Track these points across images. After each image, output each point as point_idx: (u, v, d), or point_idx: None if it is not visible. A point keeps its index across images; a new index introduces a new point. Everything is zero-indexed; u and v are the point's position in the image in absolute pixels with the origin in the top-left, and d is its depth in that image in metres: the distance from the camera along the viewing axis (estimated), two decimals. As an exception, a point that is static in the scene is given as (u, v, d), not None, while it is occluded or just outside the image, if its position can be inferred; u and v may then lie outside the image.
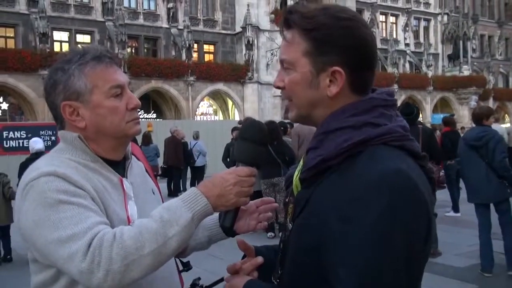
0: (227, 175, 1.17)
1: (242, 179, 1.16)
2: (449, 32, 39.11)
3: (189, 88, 27.76)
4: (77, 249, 1.06)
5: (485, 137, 5.35)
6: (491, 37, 43.51)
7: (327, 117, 1.04)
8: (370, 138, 0.96)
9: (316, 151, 1.02)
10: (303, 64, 1.04)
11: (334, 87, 1.02)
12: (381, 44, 36.51)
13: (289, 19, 1.05)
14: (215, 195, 1.15)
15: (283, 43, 1.07)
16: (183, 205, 1.14)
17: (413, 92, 36.00)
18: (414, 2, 38.65)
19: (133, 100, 1.31)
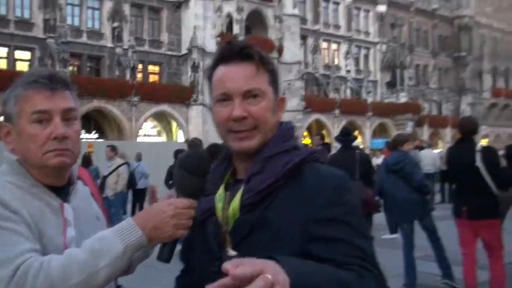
0: (165, 207, 1.11)
1: (181, 211, 1.11)
2: (387, 60, 40.96)
3: (132, 108, 27.42)
4: (1, 276, 1.03)
5: (402, 162, 5.95)
6: (425, 66, 45.88)
7: (269, 143, 1.16)
8: (305, 158, 1.14)
9: (261, 175, 1.12)
10: (270, 93, 1.18)
11: (280, 113, 1.21)
12: (324, 70, 37.73)
13: (251, 52, 1.15)
14: (150, 227, 1.11)
15: (245, 73, 1.15)
16: (116, 236, 1.09)
17: (354, 117, 37.18)
18: (355, 31, 40.24)
19: (57, 129, 1.23)
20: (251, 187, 1.12)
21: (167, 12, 30.99)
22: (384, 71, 41.27)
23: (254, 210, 1.11)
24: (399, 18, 43.91)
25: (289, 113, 32.22)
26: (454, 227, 5.27)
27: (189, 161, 1.14)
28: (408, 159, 6.08)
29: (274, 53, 31.06)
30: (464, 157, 5.07)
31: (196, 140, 6.04)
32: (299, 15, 34.61)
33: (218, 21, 30.09)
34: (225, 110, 1.15)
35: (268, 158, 1.14)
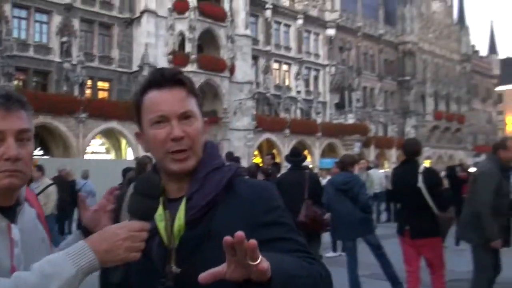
0: (118, 230, 1.11)
1: (134, 234, 1.10)
2: (336, 82, 42.11)
3: (80, 125, 26.75)
4: None
5: (351, 182, 6.23)
6: (372, 89, 47.42)
7: (202, 162, 1.26)
8: (235, 173, 1.27)
9: (202, 192, 1.22)
10: (199, 115, 1.27)
11: (205, 134, 1.31)
12: (275, 90, 38.29)
13: (182, 78, 1.26)
14: (103, 250, 1.08)
15: (179, 97, 1.24)
16: (67, 259, 1.06)
17: (303, 137, 37.80)
18: (305, 53, 41.17)
19: (10, 150, 1.21)
20: (194, 204, 1.21)
21: (118, 28, 30.66)
22: (333, 92, 42.33)
23: (198, 225, 1.20)
24: (348, 42, 45.36)
25: (240, 132, 32.43)
26: (399, 246, 5.48)
27: (141, 183, 1.17)
28: (356, 180, 6.37)
29: (226, 73, 31.30)
30: (408, 178, 5.27)
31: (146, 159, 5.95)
32: (251, 36, 35.10)
33: (171, 39, 30.05)
34: (162, 132, 1.23)
35: (205, 176, 1.24)
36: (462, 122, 54.46)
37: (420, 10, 51.85)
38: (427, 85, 50.71)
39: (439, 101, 52.42)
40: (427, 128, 50.34)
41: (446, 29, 56.30)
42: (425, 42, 52.50)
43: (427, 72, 51.76)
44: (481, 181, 4.98)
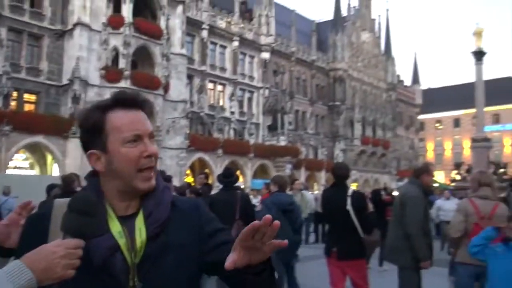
0: (55, 248, 1.12)
1: (70, 251, 1.12)
2: (270, 105, 42.89)
3: (3, 138, 25.40)
4: None
5: (294, 203, 6.34)
6: (304, 112, 48.67)
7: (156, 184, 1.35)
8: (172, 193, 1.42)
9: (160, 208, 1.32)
10: None
11: None
12: (209, 110, 38.39)
13: (146, 102, 1.37)
14: (41, 268, 1.08)
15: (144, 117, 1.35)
16: (5, 279, 1.06)
17: (236, 158, 37.99)
18: (240, 74, 41.71)
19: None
20: (154, 220, 1.30)
21: (49, 40, 29.62)
22: (266, 114, 43.03)
23: (156, 240, 1.28)
24: (281, 66, 46.49)
25: (172, 151, 32.09)
26: (325, 267, 5.67)
27: (77, 202, 1.18)
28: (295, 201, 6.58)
29: (160, 90, 31.01)
30: (337, 200, 5.44)
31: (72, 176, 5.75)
32: (186, 55, 35.10)
33: (104, 54, 29.42)
34: (136, 150, 1.30)
35: (161, 193, 1.34)
36: (387, 147, 56.94)
37: (350, 39, 54.19)
38: (355, 111, 52.69)
39: (367, 127, 54.58)
40: (355, 152, 52.16)
41: (374, 59, 59.15)
42: (354, 70, 54.80)
43: (356, 99, 53.87)
44: (412, 204, 5.18)
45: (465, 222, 4.93)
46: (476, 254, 4.19)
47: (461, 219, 4.96)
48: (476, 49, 26.68)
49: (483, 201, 4.96)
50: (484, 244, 4.09)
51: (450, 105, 77.32)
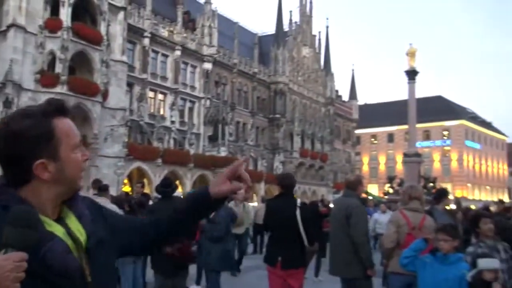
0: (3, 262, 1.12)
1: (18, 264, 1.13)
2: (211, 115, 42.84)
3: None
4: None
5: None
6: (245, 124, 48.98)
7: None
8: None
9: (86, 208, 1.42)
10: None
11: None
12: (149, 119, 37.82)
13: (69, 108, 1.39)
14: None
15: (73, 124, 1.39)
16: None
17: (176, 168, 37.61)
18: (181, 84, 41.42)
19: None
20: (87, 220, 1.38)
21: (-20, 40, 28.24)
22: (207, 125, 42.93)
23: (92, 236, 1.37)
24: (223, 77, 46.67)
25: (110, 159, 31.28)
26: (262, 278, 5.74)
27: (19, 216, 1.18)
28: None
29: (99, 97, 30.23)
30: (285, 210, 5.48)
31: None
32: (127, 62, 34.50)
33: (40, 58, 28.36)
34: (80, 155, 1.38)
35: (77, 194, 1.42)
36: (325, 160, 58.23)
37: (291, 54, 55.27)
38: (295, 124, 53.58)
39: (306, 140, 55.57)
40: (293, 164, 52.94)
41: (314, 74, 60.59)
42: (295, 84, 55.87)
43: (296, 112, 54.84)
44: (357, 214, 5.45)
45: (397, 233, 5.20)
46: (406, 266, 4.39)
47: (393, 230, 5.23)
48: (409, 68, 28.03)
49: (413, 213, 5.28)
50: (414, 256, 4.31)
51: (385, 121, 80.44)
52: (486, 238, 4.71)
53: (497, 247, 4.60)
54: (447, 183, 69.06)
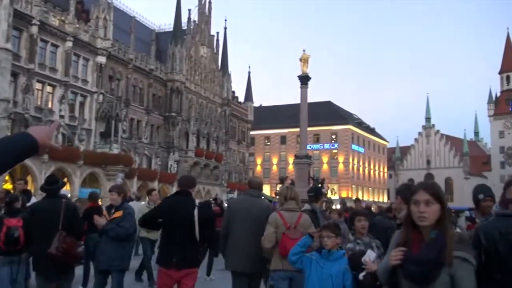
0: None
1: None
2: (103, 111, 41.19)
3: None
4: None
5: None
6: (139, 121, 47.84)
7: None
8: None
9: None
10: None
11: None
12: (35, 112, 35.44)
13: None
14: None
15: None
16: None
17: (63, 165, 35.75)
18: (72, 77, 39.37)
19: None
20: None
21: None
22: (99, 120, 41.25)
23: None
24: (118, 72, 45.17)
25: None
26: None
27: None
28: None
29: (-23, 86, 27.81)
30: (182, 210, 5.42)
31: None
32: (11, 51, 32.12)
33: None
34: None
35: None
36: (219, 160, 58.74)
37: (189, 53, 55.01)
38: (191, 123, 53.44)
39: (201, 139, 55.66)
40: (188, 164, 52.77)
41: (211, 74, 60.86)
42: (192, 83, 55.68)
43: (192, 111, 54.71)
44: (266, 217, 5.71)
45: (275, 233, 5.49)
46: (295, 263, 4.61)
47: (272, 231, 5.52)
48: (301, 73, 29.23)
49: (289, 213, 5.62)
50: (302, 253, 4.53)
51: (278, 123, 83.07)
52: (361, 235, 5.12)
53: (371, 244, 5.01)
54: (334, 184, 73.05)
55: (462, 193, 79.28)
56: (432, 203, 2.52)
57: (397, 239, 2.68)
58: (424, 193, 2.55)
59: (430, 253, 2.44)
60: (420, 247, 2.50)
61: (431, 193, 2.54)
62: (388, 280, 2.63)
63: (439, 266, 2.42)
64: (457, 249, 2.45)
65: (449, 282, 2.43)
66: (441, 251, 2.43)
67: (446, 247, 2.43)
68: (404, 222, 2.70)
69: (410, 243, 2.54)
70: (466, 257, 2.45)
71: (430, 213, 2.50)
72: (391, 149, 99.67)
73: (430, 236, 2.52)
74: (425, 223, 2.52)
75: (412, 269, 2.46)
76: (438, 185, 2.71)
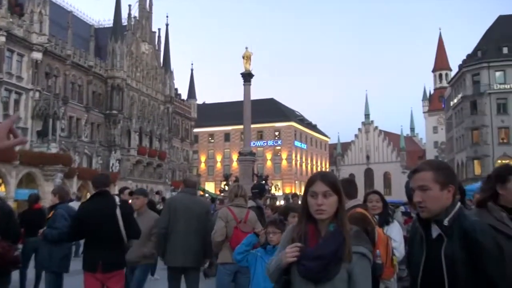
0: None
1: None
2: (40, 109, 39.64)
3: None
4: None
5: None
6: (79, 119, 46.44)
7: None
8: None
9: None
10: None
11: None
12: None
13: None
14: None
15: None
16: None
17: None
18: (6, 73, 37.63)
19: None
20: None
21: None
22: (35, 119, 39.68)
23: None
24: (55, 69, 43.59)
25: None
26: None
27: None
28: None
29: None
30: (104, 211, 5.31)
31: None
32: None
33: None
34: None
35: None
36: (163, 158, 58.08)
37: (130, 49, 53.94)
38: (133, 121, 52.49)
39: (144, 137, 54.80)
40: (131, 162, 51.86)
41: (153, 71, 59.97)
42: (133, 80, 54.65)
43: (134, 109, 53.75)
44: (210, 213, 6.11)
45: (226, 228, 5.74)
46: (240, 262, 4.73)
47: (222, 225, 5.76)
48: (244, 71, 29.47)
49: (238, 208, 5.92)
50: (247, 251, 4.66)
51: (222, 121, 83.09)
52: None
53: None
54: (278, 180, 74.08)
55: (400, 187, 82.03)
56: (330, 195, 2.37)
57: (291, 234, 2.50)
58: (322, 184, 2.39)
59: (328, 248, 2.30)
60: (317, 242, 2.36)
61: (329, 184, 2.39)
62: (279, 278, 2.45)
63: (338, 261, 2.29)
64: (356, 243, 2.34)
65: (346, 279, 2.30)
66: (340, 246, 2.30)
67: (345, 241, 2.31)
68: (299, 215, 2.53)
69: (306, 238, 2.38)
70: (365, 252, 2.34)
71: (328, 205, 2.36)
72: (333, 145, 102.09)
73: (328, 229, 2.38)
74: (323, 216, 2.37)
75: (309, 265, 2.30)
76: (335, 176, 2.58)
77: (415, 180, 2.37)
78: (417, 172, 2.39)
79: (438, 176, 2.32)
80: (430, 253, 2.29)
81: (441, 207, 2.30)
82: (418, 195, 2.33)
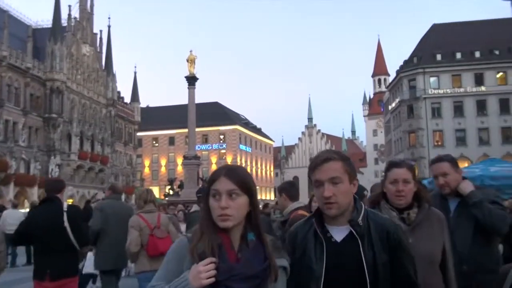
0: None
1: None
2: (-27, 112, 37.86)
3: None
4: None
5: None
6: (16, 123, 44.63)
7: None
8: None
9: None
10: None
11: None
12: None
13: None
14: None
15: None
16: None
17: None
18: None
19: None
20: None
21: None
22: (-32, 123, 37.84)
23: None
24: (-10, 70, 41.76)
25: None
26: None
27: None
28: None
29: None
30: (52, 217, 5.19)
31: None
32: None
33: None
34: None
35: None
36: (105, 163, 56.76)
37: (70, 51, 52.45)
38: (73, 124, 51.01)
39: (85, 142, 53.36)
40: (71, 167, 50.37)
41: (94, 73, 58.56)
42: (73, 82, 53.13)
43: (74, 112, 52.23)
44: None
45: (140, 236, 5.73)
46: None
47: (136, 234, 5.73)
48: (189, 74, 29.46)
49: (149, 214, 5.92)
50: None
51: (166, 124, 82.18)
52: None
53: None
54: (223, 184, 73.80)
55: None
56: (238, 195, 1.82)
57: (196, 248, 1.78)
58: (227, 180, 1.83)
59: (258, 263, 1.80)
60: (236, 256, 1.80)
61: (237, 181, 1.83)
62: None
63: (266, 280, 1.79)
64: (278, 256, 1.87)
65: None
66: (266, 260, 1.81)
67: (269, 254, 1.83)
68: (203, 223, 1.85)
69: (221, 251, 1.78)
70: (286, 265, 1.90)
71: (235, 209, 1.80)
72: (277, 148, 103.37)
73: (248, 239, 1.85)
74: (227, 223, 1.80)
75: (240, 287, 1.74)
76: (245, 170, 1.95)
77: (324, 171, 1.99)
78: (327, 162, 2.00)
79: (347, 166, 2.03)
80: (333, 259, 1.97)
81: (348, 204, 2.03)
82: (330, 190, 1.97)
